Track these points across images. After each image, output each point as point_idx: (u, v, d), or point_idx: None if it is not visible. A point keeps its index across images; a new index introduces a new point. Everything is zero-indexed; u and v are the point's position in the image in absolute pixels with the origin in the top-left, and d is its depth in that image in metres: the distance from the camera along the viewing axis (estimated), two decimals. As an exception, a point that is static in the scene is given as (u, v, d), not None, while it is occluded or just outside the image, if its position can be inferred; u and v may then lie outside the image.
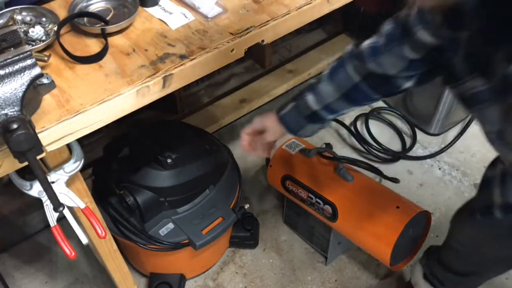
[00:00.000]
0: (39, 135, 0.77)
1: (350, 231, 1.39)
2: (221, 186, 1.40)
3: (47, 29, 0.94)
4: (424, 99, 1.90)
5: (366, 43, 0.90)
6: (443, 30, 0.70)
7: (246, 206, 1.45)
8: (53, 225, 0.92)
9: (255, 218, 1.64)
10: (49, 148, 0.82)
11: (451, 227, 1.15)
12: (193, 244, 1.30)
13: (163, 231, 1.31)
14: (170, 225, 1.32)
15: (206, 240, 1.30)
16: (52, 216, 0.91)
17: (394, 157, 1.87)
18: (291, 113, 1.01)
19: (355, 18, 2.09)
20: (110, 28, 0.96)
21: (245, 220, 1.59)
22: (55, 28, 0.93)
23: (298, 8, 1.04)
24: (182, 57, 0.93)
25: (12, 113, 0.72)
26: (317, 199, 1.41)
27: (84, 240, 0.96)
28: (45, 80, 0.84)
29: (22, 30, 0.93)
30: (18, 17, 0.96)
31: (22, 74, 0.73)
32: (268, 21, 1.01)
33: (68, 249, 0.91)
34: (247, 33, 0.98)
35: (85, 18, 0.99)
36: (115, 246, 1.20)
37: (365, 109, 2.04)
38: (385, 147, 1.87)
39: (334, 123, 1.97)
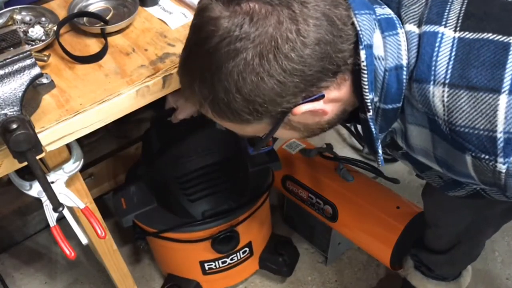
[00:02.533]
0: (39, 135, 0.77)
1: (350, 231, 1.39)
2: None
3: (47, 29, 0.94)
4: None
5: None
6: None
7: None
8: (53, 225, 0.91)
9: (294, 246, 1.55)
10: (48, 148, 0.82)
11: (423, 201, 1.18)
12: None
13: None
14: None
15: None
16: (51, 216, 0.91)
17: (394, 157, 1.86)
18: None
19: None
20: (110, 28, 0.96)
21: (281, 245, 1.50)
22: (55, 28, 0.93)
23: (298, 8, 1.04)
24: (182, 57, 0.92)
25: (11, 113, 0.71)
26: (317, 199, 1.41)
27: (84, 240, 0.95)
28: (44, 80, 0.84)
29: (22, 30, 0.93)
30: (18, 17, 0.96)
31: (22, 74, 0.72)
32: (268, 21, 1.00)
33: (67, 249, 0.91)
34: (247, 33, 0.98)
35: (85, 18, 0.99)
36: (114, 246, 1.20)
37: (365, 109, 2.04)
38: (385, 147, 1.87)
39: (334, 123, 1.97)
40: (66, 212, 0.91)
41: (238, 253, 1.39)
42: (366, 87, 0.66)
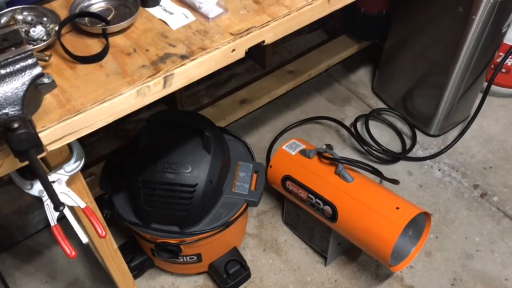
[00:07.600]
0: (40, 135, 0.77)
1: (350, 232, 1.40)
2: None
3: (48, 29, 0.94)
4: (424, 100, 1.90)
5: None
6: None
7: None
8: (53, 224, 0.92)
9: (247, 274, 1.54)
10: (49, 148, 0.82)
11: None
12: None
13: None
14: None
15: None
16: (52, 216, 0.91)
17: (394, 158, 1.87)
18: None
19: (356, 18, 2.09)
20: (111, 28, 0.96)
21: (232, 265, 1.51)
22: (56, 28, 0.93)
23: (299, 9, 1.04)
24: (183, 57, 0.93)
25: (13, 113, 0.72)
26: (317, 200, 1.41)
27: (84, 239, 0.96)
28: (46, 80, 0.85)
29: (23, 29, 0.93)
30: (19, 17, 0.96)
31: (23, 73, 0.73)
32: (269, 21, 1.01)
33: (68, 249, 0.92)
34: (248, 33, 0.98)
35: (86, 18, 0.99)
36: (115, 246, 1.20)
37: (365, 110, 2.04)
38: (385, 148, 1.87)
39: (334, 124, 1.97)
40: (66, 212, 0.91)
41: (185, 257, 1.43)
42: None
